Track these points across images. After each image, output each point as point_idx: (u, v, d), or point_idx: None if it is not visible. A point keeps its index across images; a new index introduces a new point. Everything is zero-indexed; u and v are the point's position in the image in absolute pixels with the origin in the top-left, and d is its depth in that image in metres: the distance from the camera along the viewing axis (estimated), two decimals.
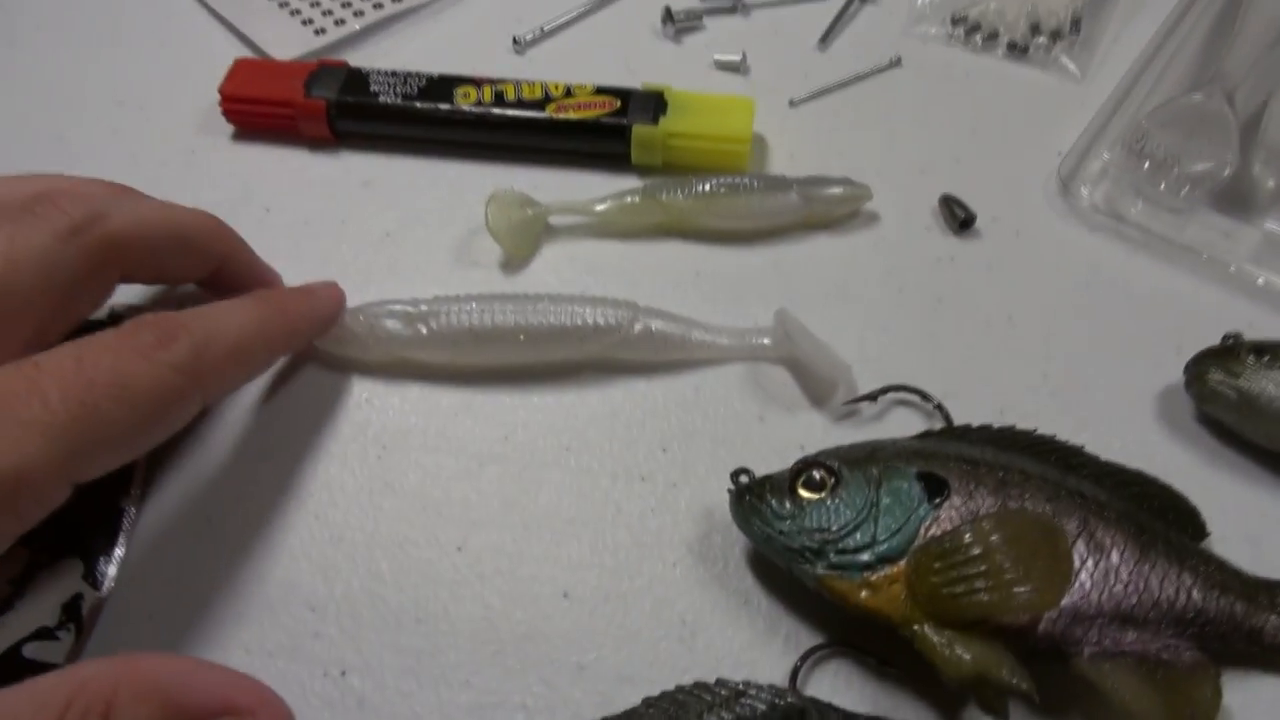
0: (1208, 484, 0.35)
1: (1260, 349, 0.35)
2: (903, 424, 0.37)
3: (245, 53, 0.49)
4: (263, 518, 0.34)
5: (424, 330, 0.37)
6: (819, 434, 0.37)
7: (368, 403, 0.37)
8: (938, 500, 0.31)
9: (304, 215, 0.43)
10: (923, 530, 0.30)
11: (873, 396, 0.37)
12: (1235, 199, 0.42)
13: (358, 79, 0.45)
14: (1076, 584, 0.30)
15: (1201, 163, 0.41)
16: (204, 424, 0.37)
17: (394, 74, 0.45)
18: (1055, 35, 0.49)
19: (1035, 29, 0.49)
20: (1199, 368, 0.36)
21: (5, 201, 0.30)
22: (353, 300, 0.39)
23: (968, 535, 0.29)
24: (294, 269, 0.41)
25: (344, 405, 0.37)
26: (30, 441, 0.24)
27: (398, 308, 0.37)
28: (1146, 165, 0.42)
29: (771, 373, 0.38)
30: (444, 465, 0.36)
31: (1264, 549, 0.34)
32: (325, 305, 0.36)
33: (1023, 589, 0.28)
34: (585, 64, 0.49)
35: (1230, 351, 0.35)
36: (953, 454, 0.33)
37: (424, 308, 0.37)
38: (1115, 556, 0.30)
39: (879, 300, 0.40)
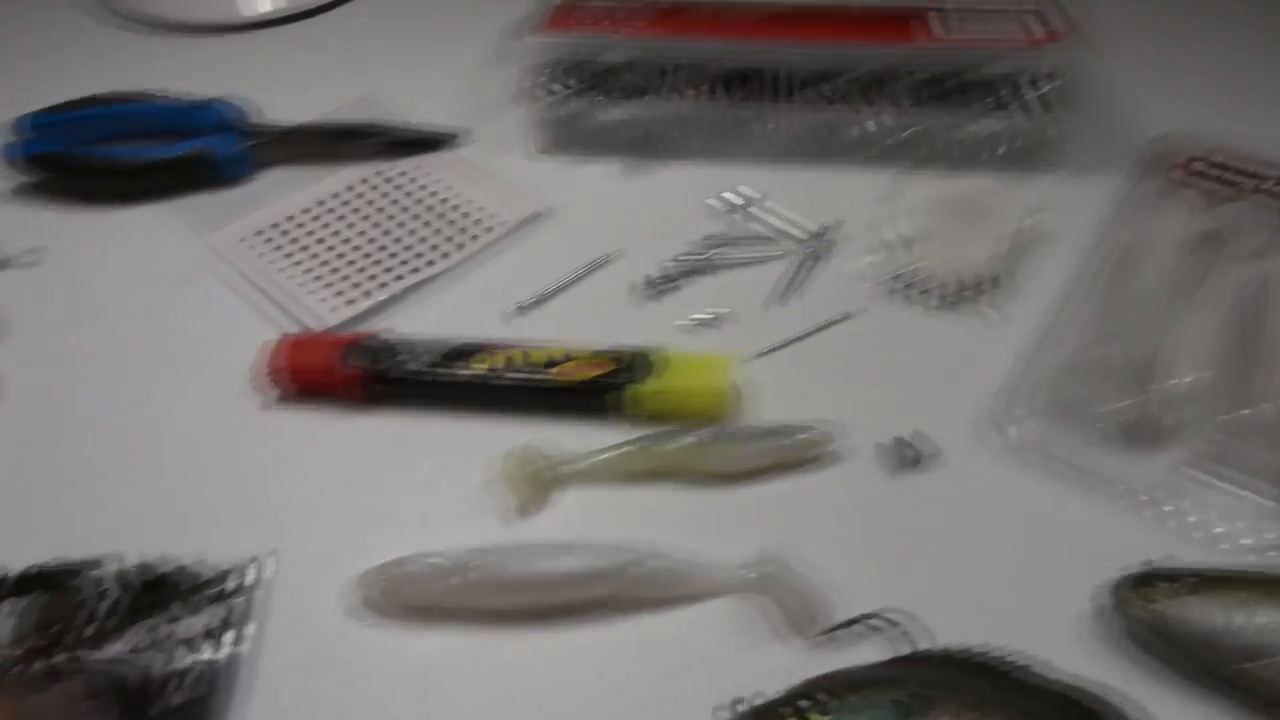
0: (1137, 697, 0.41)
1: (1171, 576, 0.41)
2: (875, 648, 0.43)
3: (286, 322, 0.57)
4: None
5: (455, 581, 0.42)
6: (803, 661, 0.42)
7: (408, 644, 0.43)
8: None
9: (344, 472, 0.49)
10: None
11: (847, 625, 0.43)
12: (1142, 436, 0.49)
13: (387, 349, 0.52)
14: None
15: (1107, 406, 0.49)
16: (269, 679, 0.41)
17: (418, 343, 0.53)
18: (979, 289, 0.58)
19: (962, 284, 0.58)
20: (1120, 594, 0.42)
21: None
22: (389, 550, 0.45)
23: None
24: (336, 521, 0.47)
25: (386, 646, 0.43)
26: None
27: (432, 561, 0.43)
28: (1062, 408, 0.49)
29: (758, 603, 0.44)
30: (476, 700, 0.41)
31: None
32: None
33: None
34: (579, 323, 0.57)
35: (1145, 579, 0.42)
36: (920, 679, 0.38)
37: (455, 560, 0.43)
38: None
39: (843, 534, 0.47)
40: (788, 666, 0.42)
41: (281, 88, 0.75)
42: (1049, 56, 0.62)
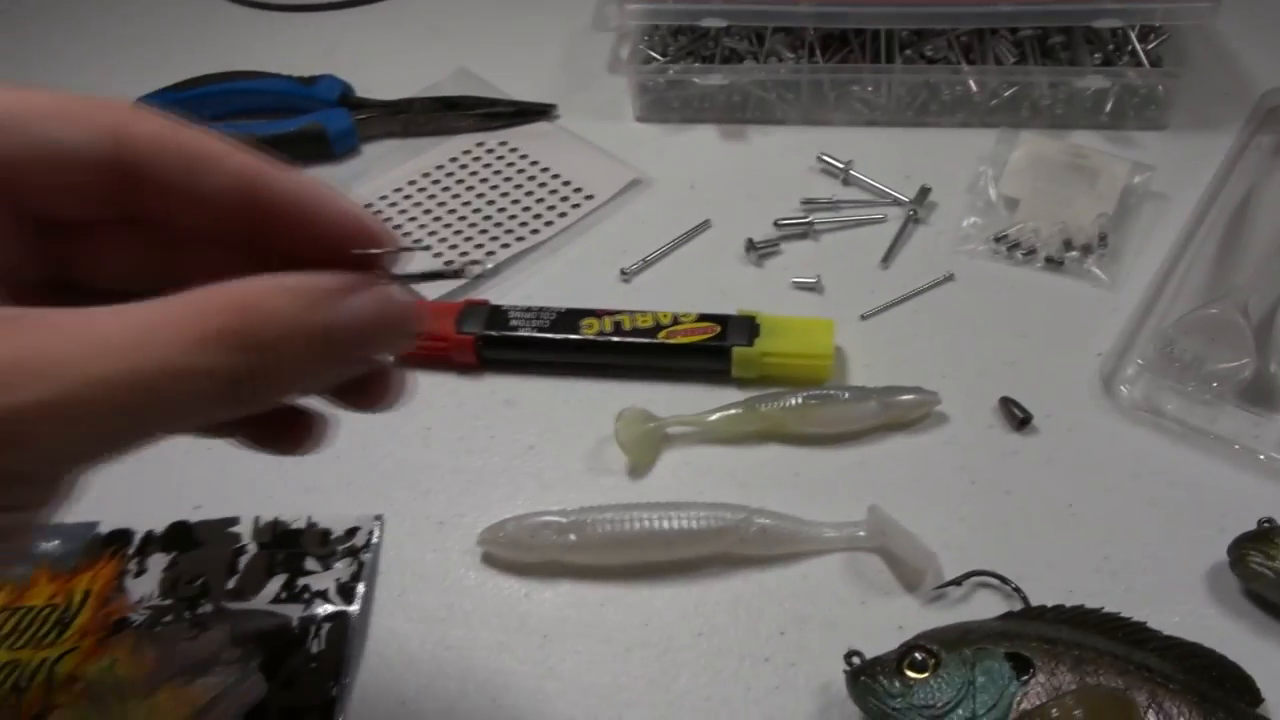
0: (1259, 654, 0.40)
1: None
2: (985, 605, 0.43)
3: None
4: (450, 701, 0.41)
5: (573, 538, 0.44)
6: (913, 616, 0.43)
7: (527, 598, 0.44)
8: (1025, 678, 0.37)
9: (459, 433, 0.51)
10: (1014, 706, 0.36)
11: (958, 581, 0.43)
12: (1259, 394, 0.48)
13: (499, 315, 0.54)
14: None
15: (1223, 364, 0.48)
16: (397, 631, 0.44)
17: (528, 309, 0.54)
18: (1086, 249, 0.57)
19: (1068, 244, 0.57)
20: (1239, 551, 0.41)
21: None
22: (505, 508, 0.46)
23: (1055, 711, 0.35)
24: (454, 480, 0.49)
25: (507, 600, 0.44)
26: None
27: (550, 518, 0.45)
28: (1176, 366, 0.49)
29: (868, 561, 0.45)
30: (595, 651, 0.42)
31: None
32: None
33: None
34: (683, 288, 0.58)
35: (1266, 535, 0.41)
36: (1034, 634, 0.39)
37: (573, 518, 0.44)
38: None
39: (953, 494, 0.47)
40: (899, 621, 0.42)
41: (379, 62, 0.76)
42: (1161, 7, 0.61)
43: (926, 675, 0.37)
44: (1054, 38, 0.67)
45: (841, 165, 0.64)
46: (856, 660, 0.39)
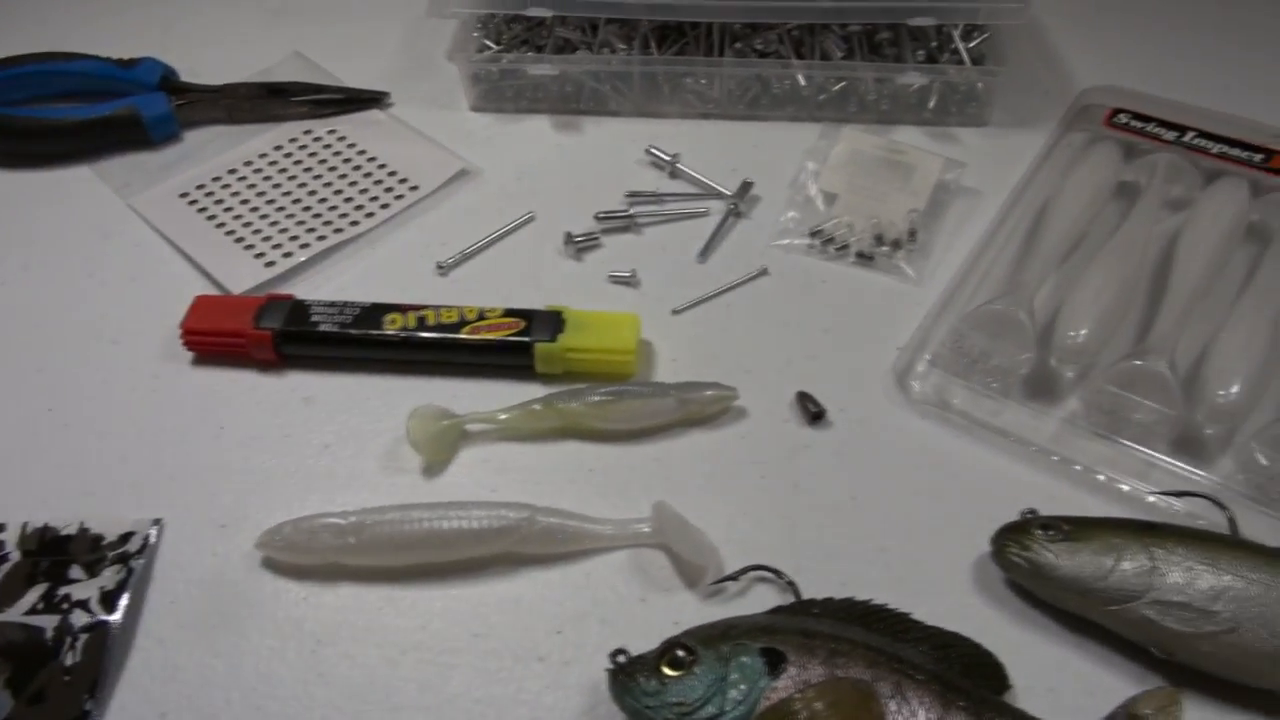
0: (1015, 641, 0.42)
1: (1046, 525, 0.42)
2: (762, 598, 0.44)
3: (206, 284, 0.57)
4: (212, 711, 0.40)
5: (352, 540, 0.43)
6: (690, 612, 0.43)
7: (304, 601, 0.44)
8: (777, 673, 0.37)
9: (253, 432, 0.50)
10: (764, 700, 0.37)
11: (734, 577, 0.44)
12: (1041, 389, 0.50)
13: (300, 310, 0.53)
14: None
15: (1006, 358, 0.49)
16: (166, 639, 0.42)
17: (332, 304, 0.53)
18: (896, 244, 0.58)
19: (879, 239, 0.58)
20: (998, 542, 0.43)
21: None
22: (293, 509, 0.45)
23: (797, 704, 0.36)
24: (243, 481, 0.48)
25: (283, 604, 0.44)
26: None
27: (330, 520, 0.44)
28: (964, 361, 0.50)
29: (652, 557, 0.45)
30: (369, 655, 0.42)
31: (1062, 698, 0.40)
32: None
33: None
34: (500, 282, 0.57)
35: (1024, 527, 0.43)
36: (795, 628, 0.39)
37: (352, 519, 0.44)
38: (921, 714, 0.37)
39: (744, 488, 0.48)
40: (675, 618, 0.43)
41: (212, 46, 0.74)
42: (973, 6, 0.62)
43: (682, 673, 0.38)
44: (881, 34, 0.67)
45: (669, 158, 0.64)
46: (621, 658, 0.39)
